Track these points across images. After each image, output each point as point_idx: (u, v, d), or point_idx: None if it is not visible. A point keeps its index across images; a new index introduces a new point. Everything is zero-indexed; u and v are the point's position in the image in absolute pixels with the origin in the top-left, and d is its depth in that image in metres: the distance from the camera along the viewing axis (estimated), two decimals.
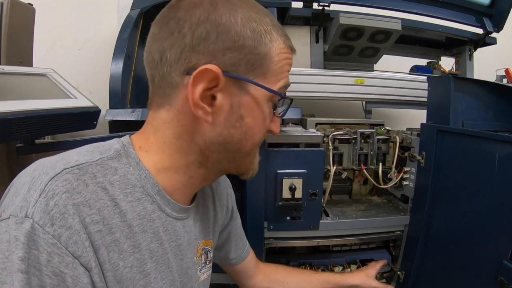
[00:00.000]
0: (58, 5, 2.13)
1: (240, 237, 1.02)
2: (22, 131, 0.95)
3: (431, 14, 1.88)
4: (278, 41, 0.59)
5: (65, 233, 0.46)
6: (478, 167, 1.17)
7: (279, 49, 0.59)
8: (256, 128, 0.62)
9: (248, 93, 0.58)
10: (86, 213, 0.49)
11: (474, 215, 1.18)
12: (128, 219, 0.54)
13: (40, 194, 0.46)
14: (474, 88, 1.43)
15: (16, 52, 1.38)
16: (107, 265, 0.51)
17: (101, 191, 0.52)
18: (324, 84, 1.74)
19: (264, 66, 0.58)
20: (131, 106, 1.35)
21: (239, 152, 0.64)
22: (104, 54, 2.14)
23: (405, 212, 1.53)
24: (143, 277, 0.56)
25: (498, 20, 1.97)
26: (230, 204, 0.94)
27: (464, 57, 2.12)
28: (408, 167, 1.51)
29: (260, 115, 0.62)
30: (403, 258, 1.55)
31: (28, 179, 0.49)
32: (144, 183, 0.59)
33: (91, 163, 0.54)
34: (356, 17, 1.63)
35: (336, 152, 1.46)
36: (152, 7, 1.48)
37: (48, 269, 0.44)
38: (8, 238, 0.43)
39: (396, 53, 2.11)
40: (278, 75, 0.61)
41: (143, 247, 0.57)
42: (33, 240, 0.44)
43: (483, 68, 2.13)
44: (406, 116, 2.37)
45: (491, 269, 1.06)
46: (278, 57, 0.59)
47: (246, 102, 0.59)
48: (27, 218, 0.44)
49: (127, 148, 0.60)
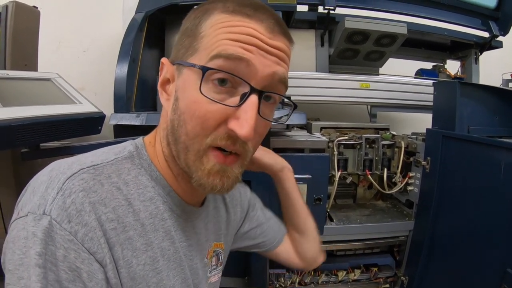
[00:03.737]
0: (63, 7, 2.14)
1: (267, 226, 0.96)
2: (27, 137, 0.95)
3: (436, 17, 1.88)
4: (216, 13, 0.54)
5: (82, 230, 0.47)
6: (483, 173, 1.17)
7: (215, 20, 0.54)
8: (188, 113, 0.54)
9: (182, 75, 0.57)
10: (101, 211, 0.50)
11: (479, 222, 1.18)
12: (140, 218, 0.55)
13: (58, 192, 0.47)
14: (480, 93, 1.43)
15: (21, 54, 1.38)
16: (121, 262, 0.51)
17: (116, 190, 0.53)
18: (329, 88, 1.74)
19: (196, 44, 0.55)
20: (135, 110, 1.35)
21: (179, 144, 0.56)
22: (109, 56, 2.13)
23: (410, 217, 1.53)
24: (156, 275, 0.57)
25: (504, 23, 1.96)
26: (246, 201, 0.92)
27: (470, 60, 2.11)
28: (413, 172, 1.51)
29: (190, 96, 0.54)
30: (407, 263, 1.55)
31: (45, 178, 0.50)
32: (155, 183, 0.60)
33: (106, 163, 0.55)
34: (361, 21, 1.62)
35: (341, 157, 1.46)
36: (157, 10, 1.48)
37: (64, 264, 0.45)
38: (26, 234, 0.44)
39: (401, 56, 2.11)
40: (210, 47, 0.53)
41: (155, 245, 0.57)
42: (51, 236, 0.45)
43: (489, 72, 2.12)
44: (411, 119, 2.36)
45: (495, 276, 1.06)
46: (212, 28, 0.53)
47: (180, 83, 0.57)
48: (45, 215, 0.45)
49: (140, 150, 0.62)
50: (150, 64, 1.50)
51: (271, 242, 0.95)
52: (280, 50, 0.55)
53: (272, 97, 0.58)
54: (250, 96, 0.52)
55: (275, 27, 0.54)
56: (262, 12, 0.54)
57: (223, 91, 0.53)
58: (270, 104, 0.58)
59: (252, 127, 0.51)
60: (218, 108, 0.53)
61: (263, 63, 0.53)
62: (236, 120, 0.52)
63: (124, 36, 1.40)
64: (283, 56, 0.56)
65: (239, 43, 0.51)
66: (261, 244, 0.94)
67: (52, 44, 2.10)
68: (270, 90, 0.56)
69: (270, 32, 0.54)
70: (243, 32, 0.52)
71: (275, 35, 0.54)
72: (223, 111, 0.53)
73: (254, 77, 0.52)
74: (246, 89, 0.53)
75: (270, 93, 0.56)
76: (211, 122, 0.53)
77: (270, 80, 0.54)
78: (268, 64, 0.53)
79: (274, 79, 0.55)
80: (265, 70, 0.53)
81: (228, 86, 0.53)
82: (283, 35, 0.56)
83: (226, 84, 0.53)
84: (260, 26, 0.53)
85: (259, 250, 0.96)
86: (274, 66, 0.54)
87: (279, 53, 0.55)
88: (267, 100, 0.57)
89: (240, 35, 0.52)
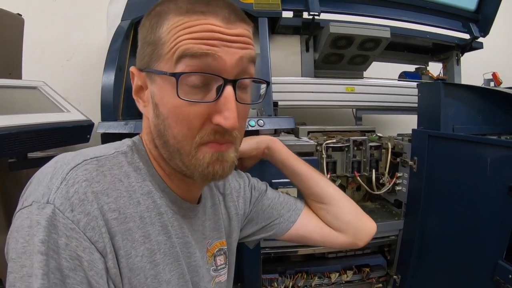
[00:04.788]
0: (46, 15, 2.12)
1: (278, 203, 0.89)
2: (14, 146, 0.94)
3: (419, 21, 1.92)
4: (171, 17, 0.55)
5: (84, 219, 0.48)
6: (469, 170, 1.20)
7: (172, 23, 0.54)
8: (171, 117, 0.55)
9: (154, 82, 0.57)
10: (104, 201, 0.51)
11: (468, 217, 1.20)
12: (139, 210, 0.57)
13: (62, 182, 0.48)
14: (463, 93, 1.46)
15: (5, 63, 1.36)
16: (121, 252, 0.52)
17: (118, 182, 0.55)
18: (315, 93, 1.76)
19: (158, 50, 0.55)
20: (123, 118, 1.34)
21: (170, 147, 0.58)
22: (93, 64, 2.12)
23: (399, 217, 1.55)
24: (153, 267, 0.57)
25: (484, 25, 2.02)
26: (248, 189, 0.88)
27: (451, 62, 2.17)
28: (401, 172, 1.53)
29: (169, 102, 0.55)
30: (398, 262, 1.57)
31: (50, 169, 0.51)
32: (152, 178, 0.61)
33: (108, 156, 0.57)
34: (346, 26, 1.65)
35: (329, 160, 1.48)
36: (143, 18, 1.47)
37: (66, 252, 0.45)
38: (30, 223, 0.45)
39: (385, 60, 2.15)
40: (172, 50, 0.53)
41: (152, 238, 0.58)
42: (53, 225, 0.45)
43: (470, 72, 2.18)
44: (396, 121, 2.40)
45: (487, 269, 1.09)
46: (171, 32, 0.54)
47: (156, 91, 0.57)
48: (49, 204, 0.46)
49: (137, 145, 0.63)
50: None
51: (284, 219, 0.87)
52: (241, 36, 0.56)
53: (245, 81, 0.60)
54: (226, 87, 0.54)
55: (230, 16, 0.55)
56: (215, 5, 0.55)
57: (199, 91, 0.55)
58: (244, 88, 0.60)
59: (235, 117, 0.54)
60: (199, 107, 0.54)
61: (229, 52, 0.54)
62: (219, 114, 0.54)
63: (111, 43, 1.39)
64: (246, 40, 0.57)
65: (201, 40, 0.52)
66: (273, 224, 0.87)
67: (35, 52, 2.07)
68: (242, 76, 0.57)
69: (227, 22, 0.55)
70: (202, 29, 0.53)
71: (233, 24, 0.55)
72: (204, 108, 0.55)
73: (224, 68, 0.54)
74: (220, 82, 0.54)
75: (243, 79, 0.57)
76: (196, 122, 0.55)
77: (240, 65, 0.56)
78: (234, 52, 0.54)
79: (244, 62, 0.56)
80: (233, 58, 0.54)
81: (202, 84, 0.55)
82: (240, 21, 0.57)
83: (200, 83, 0.54)
84: (216, 19, 0.54)
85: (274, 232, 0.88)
86: (239, 51, 0.55)
87: (242, 39, 0.56)
88: (241, 86, 0.59)
89: (200, 33, 0.53)
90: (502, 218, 1.05)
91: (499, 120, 1.49)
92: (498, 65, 2.17)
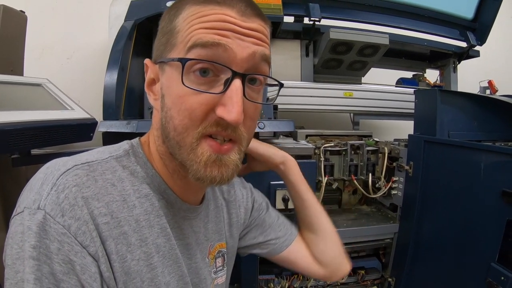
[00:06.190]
0: (47, 13, 2.11)
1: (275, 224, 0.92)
2: (19, 142, 0.94)
3: (417, 28, 1.96)
4: (187, 7, 0.55)
5: (75, 224, 0.48)
6: (464, 175, 1.22)
7: (187, 12, 0.54)
8: (174, 108, 0.54)
9: (164, 72, 0.58)
10: (94, 206, 0.51)
11: (462, 221, 1.23)
12: (135, 214, 0.56)
13: (52, 187, 0.49)
14: (459, 100, 1.49)
15: (7, 59, 1.36)
16: (114, 256, 0.52)
17: (110, 186, 0.55)
18: (314, 97, 1.78)
19: (173, 40, 0.56)
20: (124, 118, 1.35)
21: (170, 141, 0.57)
22: (93, 64, 2.13)
23: (394, 220, 1.57)
24: (150, 270, 0.57)
25: (481, 33, 2.06)
26: (250, 201, 0.90)
27: (448, 69, 2.20)
28: (397, 176, 1.55)
29: (174, 91, 0.55)
30: (393, 265, 1.59)
31: (41, 176, 0.51)
32: (151, 180, 0.61)
33: (101, 161, 0.57)
34: (345, 32, 1.68)
35: (327, 164, 1.50)
36: (146, 19, 1.49)
37: (58, 257, 0.46)
38: (22, 229, 0.46)
39: (383, 66, 2.17)
40: (186, 39, 0.53)
41: (150, 242, 0.58)
42: (45, 230, 0.46)
43: (466, 80, 2.21)
44: (393, 126, 2.42)
45: (480, 272, 1.11)
46: (185, 21, 0.54)
47: (164, 81, 0.58)
48: (40, 209, 0.47)
49: (135, 148, 0.63)
50: (137, 73, 1.50)
51: (280, 241, 0.89)
52: (256, 31, 0.55)
53: (258, 79, 0.58)
54: (234, 80, 0.52)
55: (246, 10, 0.54)
56: None
57: (206, 81, 0.53)
58: (256, 87, 0.58)
59: (239, 111, 0.51)
60: (204, 97, 0.53)
61: (241, 45, 0.53)
62: (223, 107, 0.52)
63: (114, 44, 1.40)
64: (261, 36, 0.56)
65: (214, 30, 0.52)
66: (269, 244, 0.89)
67: (35, 51, 2.07)
68: (254, 72, 0.56)
69: (243, 15, 0.54)
70: (215, 19, 0.52)
71: (248, 17, 0.54)
72: (209, 99, 0.53)
73: (234, 61, 0.53)
74: (229, 75, 0.53)
75: (253, 74, 0.56)
76: (199, 113, 0.53)
77: (251, 61, 0.54)
78: (246, 46, 0.53)
79: (256, 59, 0.55)
80: (244, 52, 0.53)
81: (210, 75, 0.53)
82: (256, 16, 0.56)
83: (208, 74, 0.53)
84: (232, 11, 0.53)
85: (268, 251, 0.90)
86: (252, 46, 0.54)
87: (256, 34, 0.55)
88: (253, 84, 0.57)
89: (213, 23, 0.52)
90: (495, 222, 1.07)
91: (493, 126, 1.52)
92: (494, 72, 2.21)
